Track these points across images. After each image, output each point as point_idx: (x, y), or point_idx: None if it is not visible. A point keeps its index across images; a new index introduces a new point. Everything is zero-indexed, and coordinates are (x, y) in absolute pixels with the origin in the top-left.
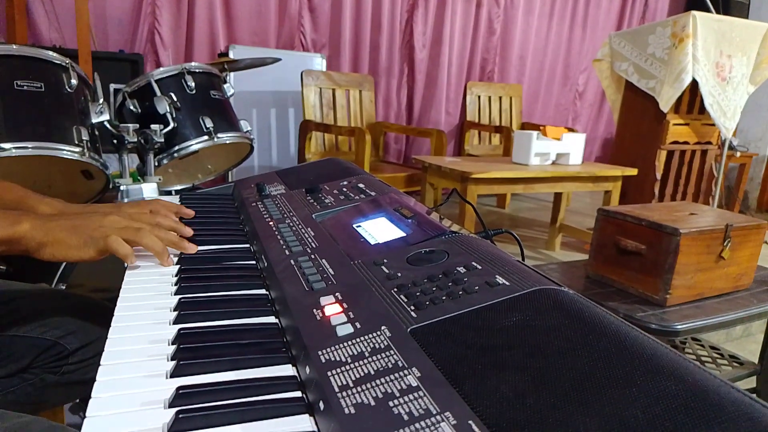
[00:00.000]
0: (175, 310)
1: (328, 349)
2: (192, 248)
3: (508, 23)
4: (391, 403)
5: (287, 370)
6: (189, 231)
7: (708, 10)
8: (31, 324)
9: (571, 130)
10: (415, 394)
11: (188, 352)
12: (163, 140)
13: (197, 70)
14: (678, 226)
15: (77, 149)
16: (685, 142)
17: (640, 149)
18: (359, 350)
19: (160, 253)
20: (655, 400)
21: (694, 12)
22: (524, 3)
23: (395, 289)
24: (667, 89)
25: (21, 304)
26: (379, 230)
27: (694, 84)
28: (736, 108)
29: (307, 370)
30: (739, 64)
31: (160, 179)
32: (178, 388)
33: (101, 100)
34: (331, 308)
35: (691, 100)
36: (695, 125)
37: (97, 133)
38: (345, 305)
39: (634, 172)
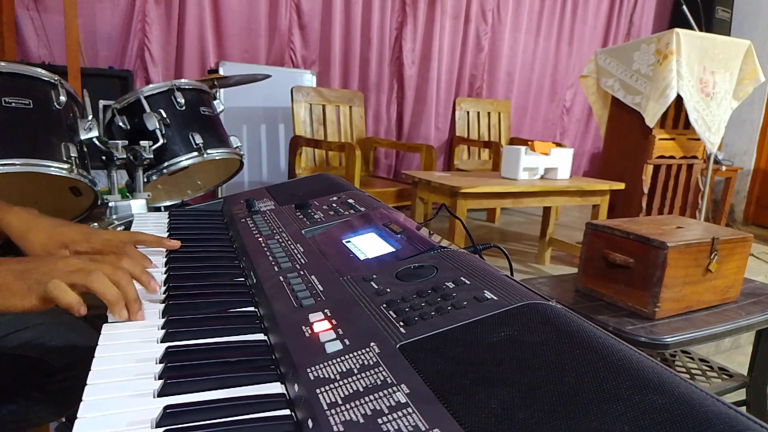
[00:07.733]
0: (162, 328)
1: (317, 367)
2: (155, 288)
3: (496, 40)
4: (379, 420)
5: (276, 387)
6: (155, 287)
7: (691, 28)
8: (15, 341)
9: (559, 145)
10: (404, 411)
11: (176, 371)
12: (152, 156)
13: (187, 87)
14: (665, 239)
15: (65, 166)
16: (671, 157)
17: (627, 163)
18: (348, 367)
19: (112, 302)
20: (642, 413)
21: (677, 29)
22: (511, 20)
23: (384, 305)
24: (652, 105)
25: (4, 321)
26: (368, 246)
27: (679, 99)
28: (721, 123)
29: (296, 387)
30: (722, 80)
31: (149, 195)
32: (166, 407)
33: (90, 117)
34: (320, 325)
35: (676, 115)
36: (681, 140)
37: (85, 149)
38: (334, 322)
39: (621, 186)
